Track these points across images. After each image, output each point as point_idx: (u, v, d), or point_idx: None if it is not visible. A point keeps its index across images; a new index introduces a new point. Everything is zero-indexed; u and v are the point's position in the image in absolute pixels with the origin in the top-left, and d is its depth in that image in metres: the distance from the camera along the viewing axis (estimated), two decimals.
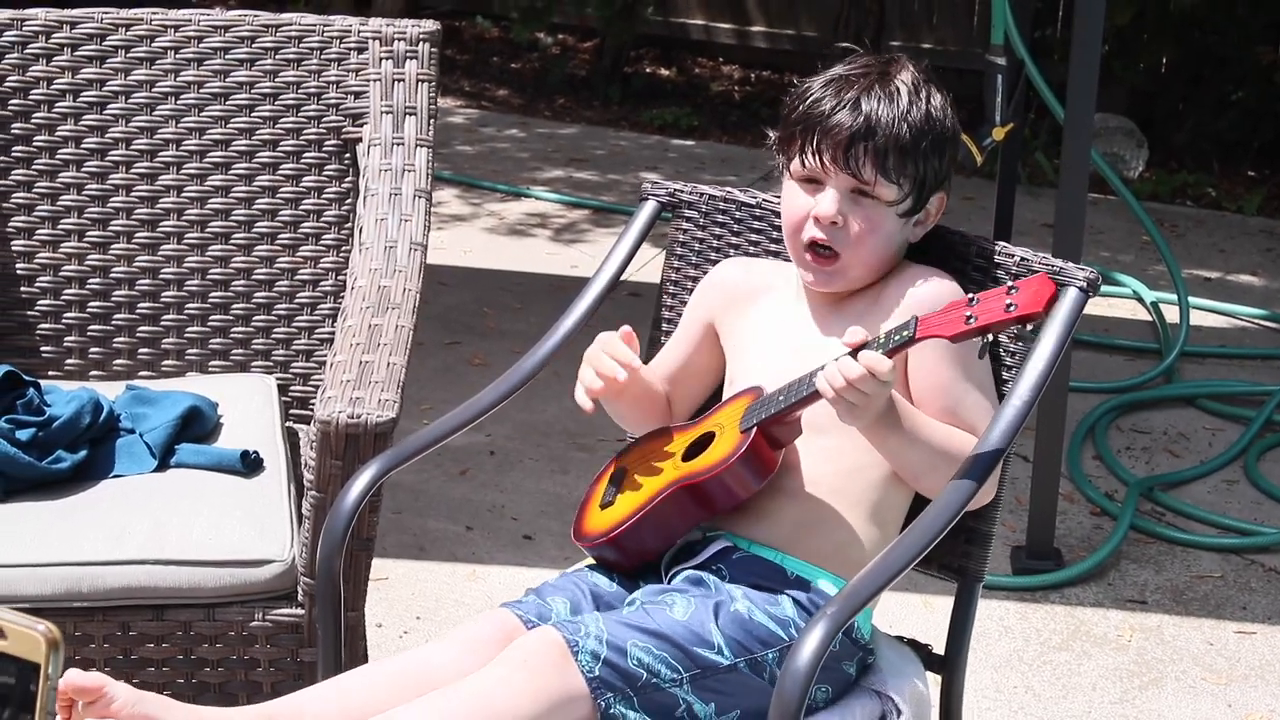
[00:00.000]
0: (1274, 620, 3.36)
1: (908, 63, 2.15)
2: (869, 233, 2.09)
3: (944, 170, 2.12)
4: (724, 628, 1.98)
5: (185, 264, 2.81)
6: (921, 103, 2.09)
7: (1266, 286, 5.37)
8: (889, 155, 2.07)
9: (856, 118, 2.07)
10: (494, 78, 7.97)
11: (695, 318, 2.29)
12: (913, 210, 2.11)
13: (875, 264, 2.13)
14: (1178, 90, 6.87)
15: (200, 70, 2.80)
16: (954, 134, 2.13)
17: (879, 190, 2.08)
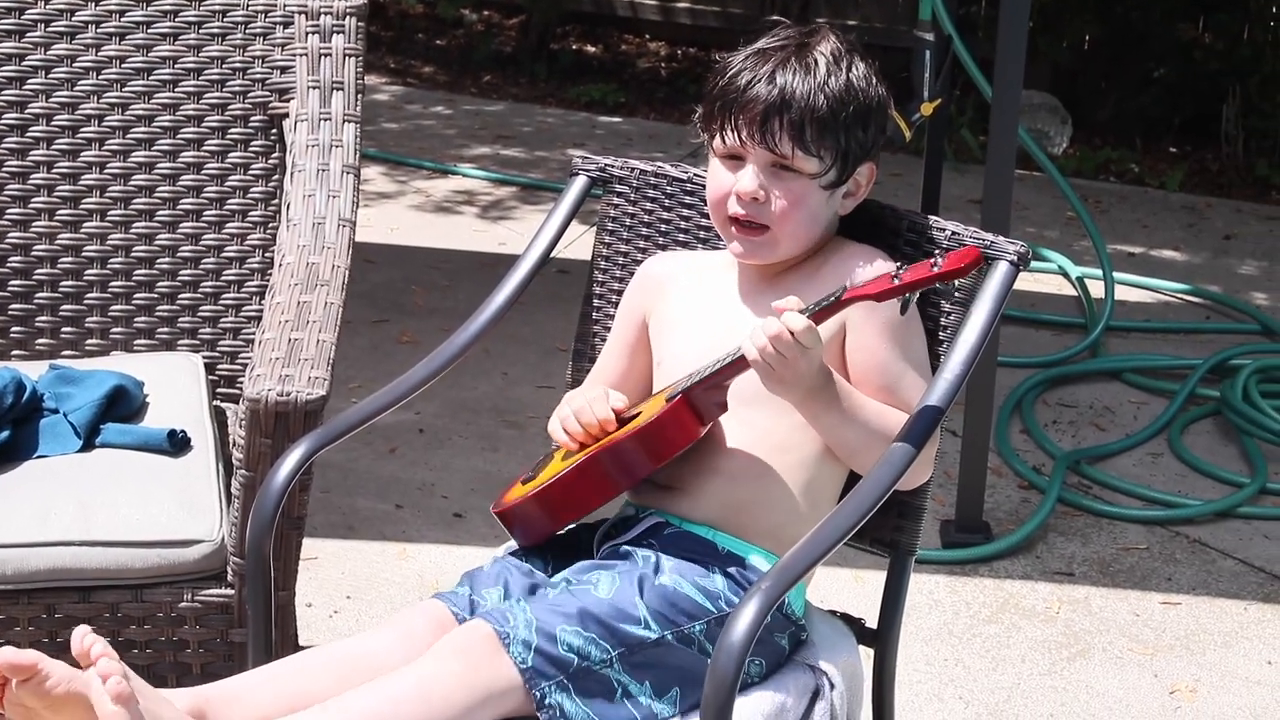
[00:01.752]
0: (1198, 591, 3.40)
1: (830, 33, 2.12)
2: (792, 206, 2.07)
3: (870, 141, 2.10)
4: (648, 601, 1.97)
5: (109, 241, 2.77)
6: (841, 73, 2.06)
7: (1189, 261, 5.43)
8: (806, 127, 2.04)
9: (771, 91, 2.05)
10: (419, 54, 7.93)
11: (628, 320, 2.25)
12: (837, 182, 2.09)
13: (804, 237, 2.11)
14: (1101, 67, 6.93)
15: (123, 45, 2.76)
16: (879, 104, 2.10)
17: (799, 163, 2.06)
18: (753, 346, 1.92)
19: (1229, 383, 4.20)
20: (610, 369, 2.26)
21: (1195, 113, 6.70)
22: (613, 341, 2.28)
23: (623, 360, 2.25)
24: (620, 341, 2.26)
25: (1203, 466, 3.91)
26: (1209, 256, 5.49)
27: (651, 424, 2.00)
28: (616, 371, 2.25)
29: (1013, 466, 3.87)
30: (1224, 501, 3.71)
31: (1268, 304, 5.03)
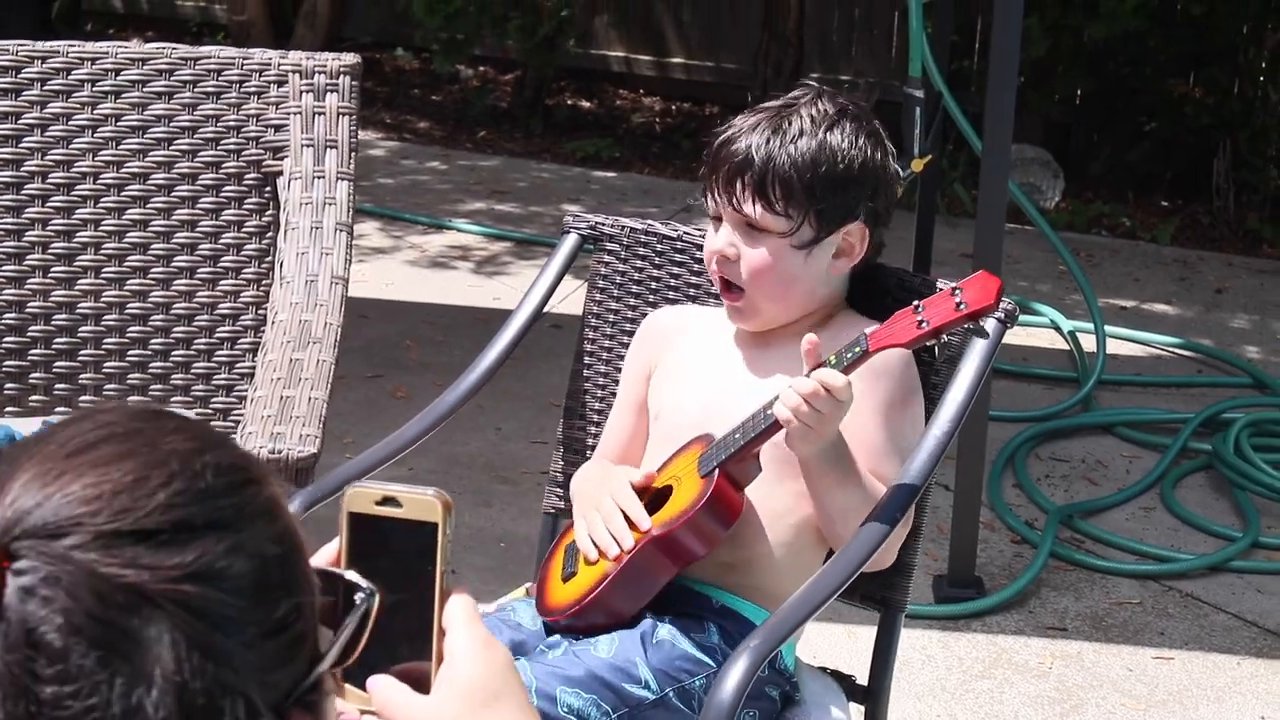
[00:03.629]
0: (1191, 646, 3.40)
1: (830, 97, 2.12)
2: (765, 267, 2.07)
3: (850, 203, 2.08)
4: (649, 660, 1.98)
5: (103, 298, 2.79)
6: (817, 134, 2.06)
7: (1180, 315, 5.45)
8: (769, 187, 2.05)
9: (738, 152, 2.07)
10: (415, 110, 7.97)
11: (635, 376, 2.25)
12: (812, 242, 2.07)
13: (787, 299, 2.10)
14: (1093, 121, 6.97)
15: (117, 103, 2.78)
16: (864, 166, 2.08)
17: (765, 222, 2.06)
18: (786, 409, 1.90)
19: (1221, 436, 4.21)
20: (621, 428, 2.25)
21: (1186, 167, 6.73)
22: (622, 400, 2.27)
23: (633, 418, 2.24)
24: (630, 400, 2.25)
25: (1195, 520, 3.92)
26: (1201, 310, 5.51)
27: (701, 508, 1.97)
28: (627, 431, 2.24)
29: (1005, 521, 3.88)
30: (1217, 555, 3.71)
31: (1259, 357, 5.05)
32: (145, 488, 0.86)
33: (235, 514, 0.88)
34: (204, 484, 0.88)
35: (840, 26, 7.64)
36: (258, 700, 0.86)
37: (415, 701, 1.12)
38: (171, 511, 0.85)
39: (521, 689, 1.16)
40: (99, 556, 0.82)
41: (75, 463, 0.86)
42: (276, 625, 0.89)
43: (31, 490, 0.85)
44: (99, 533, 0.83)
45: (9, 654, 0.81)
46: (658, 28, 8.05)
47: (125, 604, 0.82)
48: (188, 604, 0.83)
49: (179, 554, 0.84)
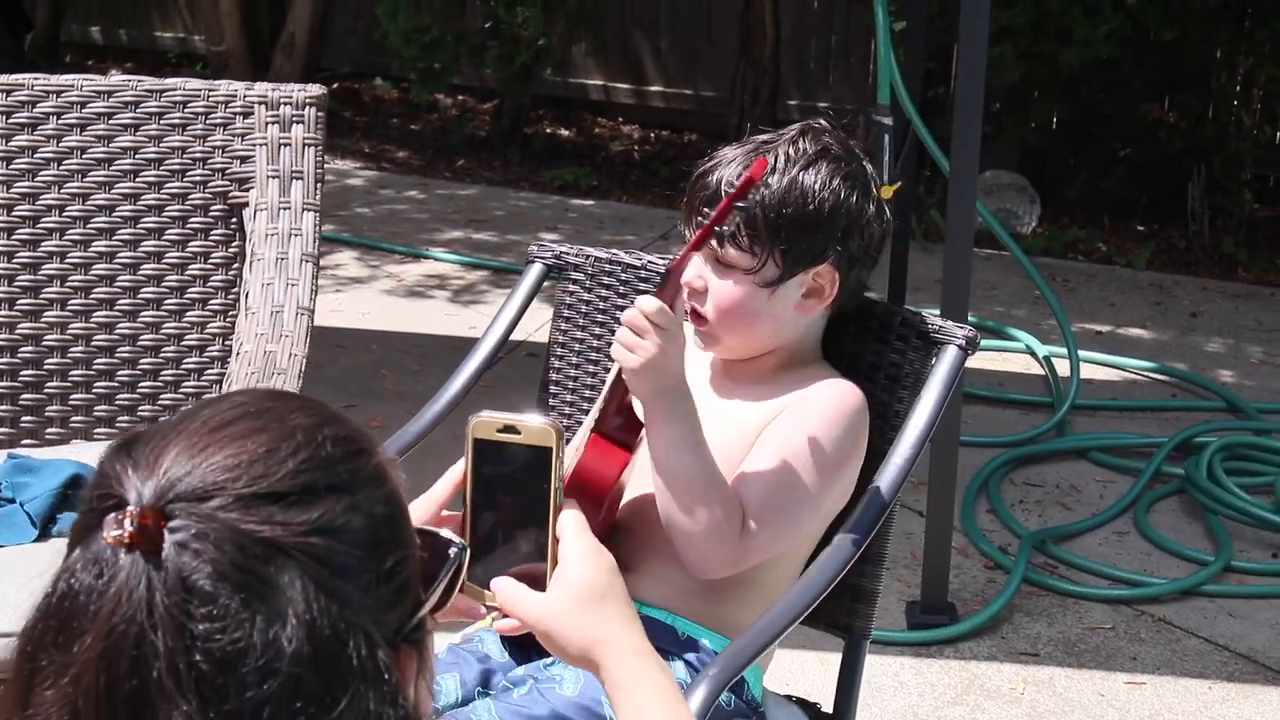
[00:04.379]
0: (1163, 671, 3.40)
1: (815, 135, 2.08)
2: (729, 301, 2.05)
3: (817, 246, 2.04)
4: None
5: (69, 330, 2.79)
6: (789, 172, 2.03)
7: (1156, 339, 5.47)
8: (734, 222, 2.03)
9: (709, 184, 2.05)
10: (393, 139, 7.98)
11: None
12: (775, 281, 2.04)
13: (749, 334, 2.09)
14: (1069, 147, 7.00)
15: (83, 135, 2.78)
16: (835, 210, 2.04)
17: (730, 258, 2.04)
18: (615, 348, 1.90)
19: (1194, 460, 4.22)
20: None
21: (1161, 191, 6.77)
22: None
23: None
24: None
25: (1168, 545, 3.92)
26: (1176, 334, 5.53)
27: (574, 474, 1.94)
28: None
29: (979, 547, 3.88)
30: (1189, 580, 3.72)
31: (1233, 381, 5.06)
32: (276, 457, 1.00)
33: (351, 478, 1.03)
34: (325, 453, 1.02)
35: (817, 54, 7.68)
36: (376, 635, 0.99)
37: (534, 598, 1.36)
38: (299, 477, 1.00)
39: (625, 592, 1.37)
40: (240, 515, 0.97)
41: (217, 437, 1.01)
42: (387, 573, 1.02)
43: (181, 461, 1.00)
44: (239, 495, 0.98)
45: (168, 597, 0.95)
46: (635, 56, 8.08)
47: (263, 555, 0.96)
48: (315, 554, 0.98)
49: (306, 512, 0.99)
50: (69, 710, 0.96)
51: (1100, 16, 6.38)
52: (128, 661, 0.95)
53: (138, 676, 0.95)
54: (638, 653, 1.35)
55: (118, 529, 0.97)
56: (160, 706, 0.94)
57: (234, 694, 0.94)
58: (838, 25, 7.59)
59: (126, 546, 0.96)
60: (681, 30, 7.96)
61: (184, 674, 0.94)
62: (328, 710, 0.96)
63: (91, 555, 0.98)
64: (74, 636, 0.96)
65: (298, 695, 0.95)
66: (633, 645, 1.35)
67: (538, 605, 1.36)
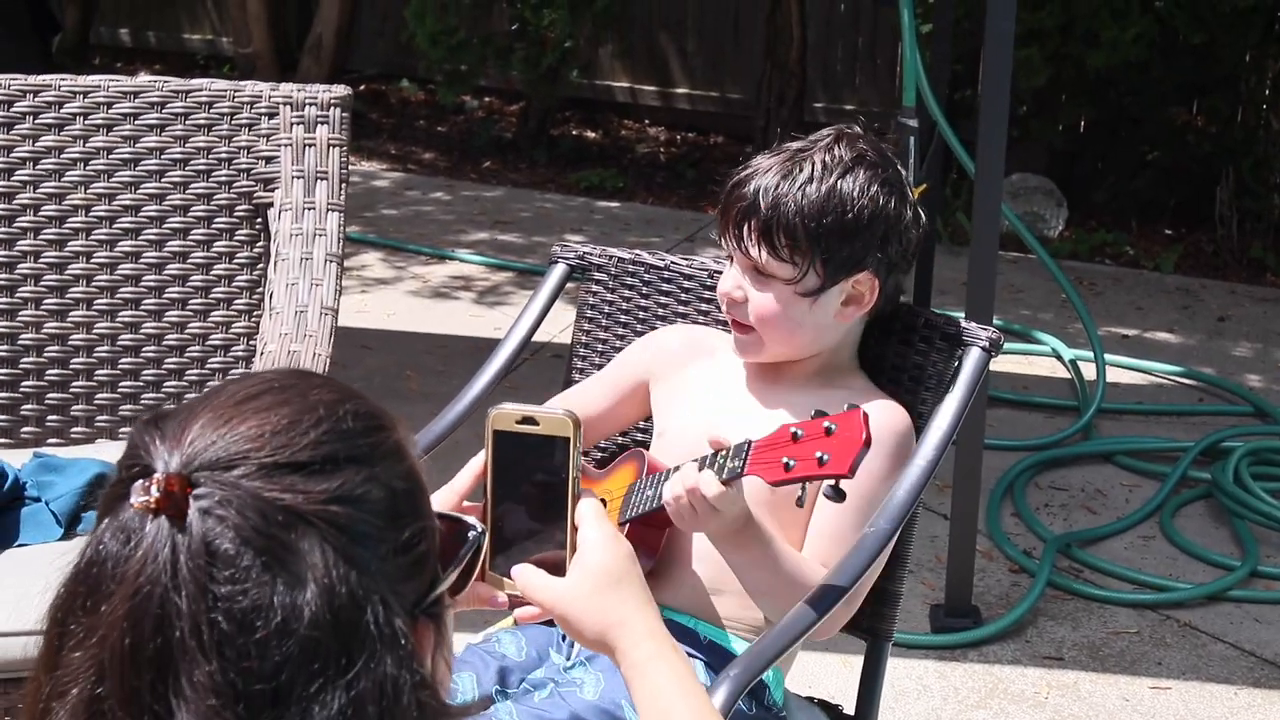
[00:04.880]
0: (1189, 676, 3.38)
1: (850, 141, 2.07)
2: (770, 311, 2.05)
3: (859, 253, 2.03)
4: None
5: (95, 330, 2.80)
6: (828, 180, 2.02)
7: (1183, 343, 5.44)
8: (774, 233, 2.02)
9: (746, 195, 2.04)
10: (420, 141, 7.99)
11: (628, 374, 2.25)
12: (818, 290, 2.04)
13: (795, 341, 2.09)
14: (1096, 150, 6.98)
15: (110, 136, 2.79)
16: (875, 217, 2.03)
17: (771, 268, 2.04)
18: (669, 493, 1.87)
19: (1220, 465, 4.20)
20: (589, 405, 2.24)
21: (1189, 195, 6.74)
22: (602, 385, 2.27)
23: (603, 402, 2.25)
24: (610, 390, 2.25)
25: (1194, 550, 3.90)
26: (1203, 338, 5.50)
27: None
28: (598, 407, 2.24)
29: (1003, 550, 3.87)
30: (1215, 585, 3.70)
31: (1261, 386, 5.04)
32: (299, 429, 1.03)
33: (370, 451, 1.05)
34: (345, 426, 1.05)
35: (843, 56, 7.66)
36: (393, 603, 1.02)
37: (553, 584, 1.39)
38: (320, 448, 1.03)
39: (641, 578, 1.40)
40: (262, 484, 1.00)
41: (241, 410, 1.04)
42: (405, 544, 1.05)
43: (207, 433, 1.03)
44: (261, 464, 1.01)
45: (193, 560, 0.98)
46: (662, 58, 8.08)
47: (284, 521, 0.99)
48: (334, 521, 1.00)
49: (326, 481, 1.02)
50: (95, 670, 0.99)
51: (1128, 19, 6.35)
52: (152, 622, 0.98)
53: (161, 636, 0.97)
54: (652, 634, 1.37)
55: (144, 495, 1.00)
56: (182, 665, 0.97)
57: (254, 654, 0.97)
58: (864, 28, 7.58)
59: (153, 512, 0.99)
60: (708, 32, 7.96)
61: (206, 634, 0.97)
62: (343, 672, 0.98)
63: (119, 523, 1.01)
64: (101, 599, 1.00)
65: (315, 657, 0.98)
66: (648, 627, 1.37)
67: (555, 589, 1.39)
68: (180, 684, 0.97)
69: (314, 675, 0.98)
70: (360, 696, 0.98)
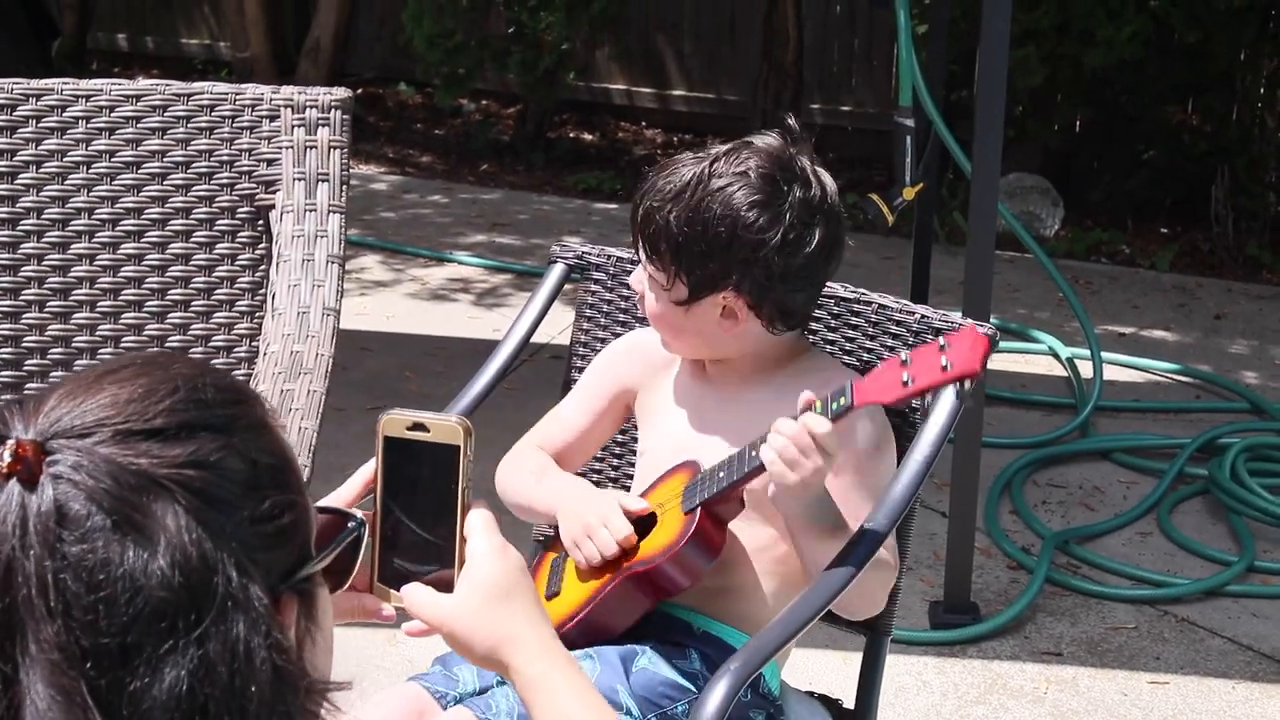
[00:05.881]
0: (1186, 671, 3.40)
1: (741, 154, 2.02)
2: (653, 312, 2.08)
3: (716, 274, 2.00)
4: (631, 687, 1.99)
5: (98, 332, 2.81)
6: (699, 196, 1.98)
7: (1179, 341, 5.47)
8: (645, 240, 2.04)
9: (638, 197, 2.06)
10: (417, 144, 8.02)
11: (606, 386, 2.24)
12: (685, 301, 2.02)
13: (685, 343, 2.11)
14: (1092, 149, 7.00)
15: (112, 139, 2.81)
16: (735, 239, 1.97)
17: (651, 271, 2.05)
18: (772, 450, 1.86)
19: (1217, 461, 4.22)
20: (570, 429, 2.24)
21: (1185, 194, 6.76)
22: (584, 397, 2.25)
23: (585, 424, 2.24)
24: (589, 406, 2.24)
25: (1191, 545, 3.92)
26: (1199, 336, 5.52)
27: (683, 546, 1.97)
28: (576, 433, 2.23)
29: (1001, 547, 3.89)
30: (1212, 580, 3.72)
31: (1258, 383, 5.06)
32: (155, 396, 1.05)
33: (228, 421, 1.07)
34: (203, 396, 1.06)
35: (840, 57, 7.68)
36: (250, 569, 1.03)
37: (439, 600, 1.34)
38: (175, 415, 1.05)
39: (532, 589, 1.36)
40: (116, 450, 1.02)
41: (101, 381, 1.06)
42: (264, 515, 1.06)
43: (65, 403, 1.05)
44: (116, 431, 1.03)
45: (42, 522, 1.00)
46: (658, 60, 8.10)
47: (136, 484, 1.01)
48: (188, 485, 1.02)
49: (181, 447, 1.03)
50: None
51: (1124, 18, 6.37)
52: None
53: (8, 596, 0.99)
54: (545, 648, 1.32)
55: None
56: (29, 625, 0.98)
57: (102, 613, 0.98)
58: (860, 29, 7.60)
59: (4, 476, 1.01)
60: (704, 34, 7.98)
61: (53, 594, 0.99)
62: (189, 631, 0.99)
63: None
64: None
65: (164, 616, 0.99)
66: (540, 642, 1.33)
67: (441, 606, 1.33)
68: (27, 643, 0.98)
69: (163, 635, 0.99)
70: (210, 657, 0.99)
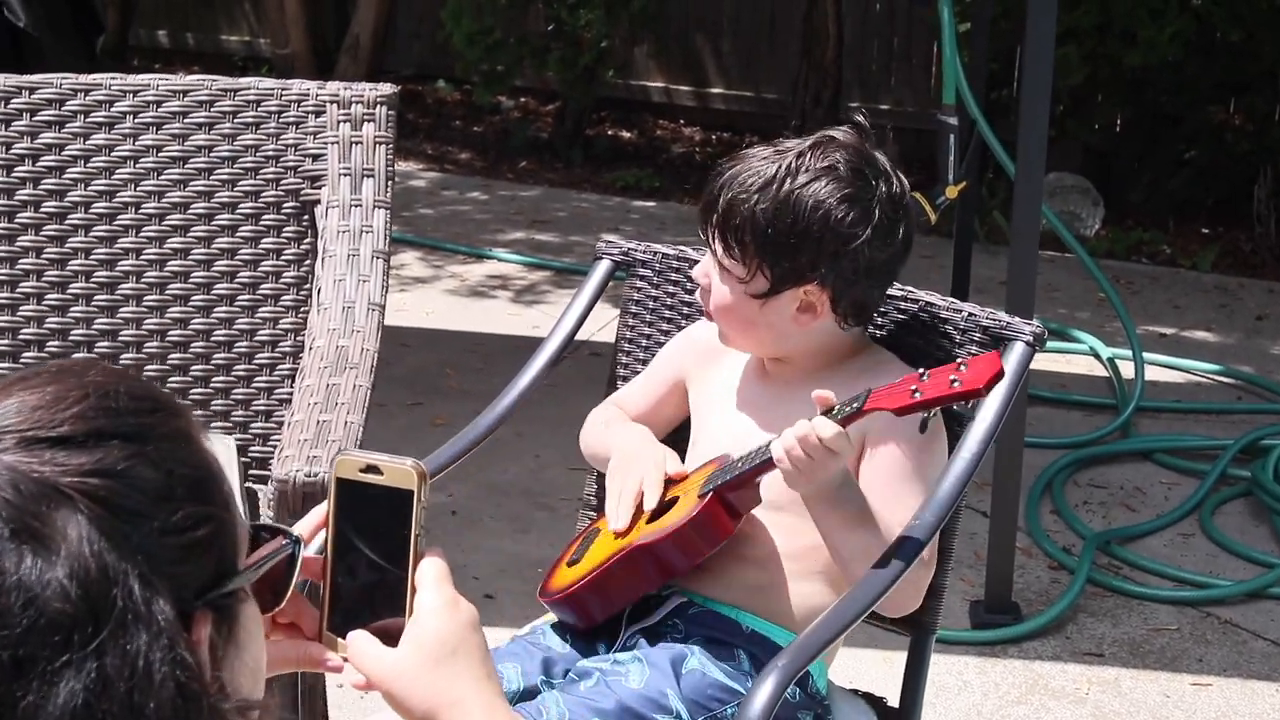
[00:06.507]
0: (1229, 673, 3.38)
1: (826, 148, 2.04)
2: (724, 305, 2.08)
3: (803, 266, 2.02)
4: (681, 690, 1.99)
5: (144, 326, 2.83)
6: (785, 189, 2.00)
7: (1221, 342, 5.44)
8: (726, 233, 2.04)
9: (712, 190, 2.06)
10: (456, 141, 8.03)
11: (666, 373, 2.28)
12: (764, 294, 2.04)
13: (752, 337, 2.11)
14: (1133, 148, 6.96)
15: (159, 134, 2.82)
16: (825, 232, 2.00)
17: (727, 264, 2.06)
18: (780, 448, 1.91)
19: (1260, 463, 4.19)
20: (636, 405, 2.30)
21: (1227, 194, 6.72)
22: (645, 382, 2.31)
23: (649, 401, 2.29)
24: (650, 390, 2.29)
25: (1234, 547, 3.90)
26: (1241, 337, 5.49)
27: (685, 525, 2.01)
28: (639, 410, 2.29)
29: (1042, 547, 3.87)
30: (1255, 582, 3.70)
31: None
32: (63, 404, 1.03)
33: (141, 430, 1.03)
34: (115, 404, 1.04)
35: (879, 56, 7.67)
36: (156, 583, 1.00)
37: (382, 654, 1.27)
38: (83, 422, 1.02)
39: (481, 647, 1.27)
40: (20, 457, 1.00)
41: (10, 389, 1.04)
42: (175, 526, 1.02)
43: None
44: (21, 438, 1.01)
45: None
46: (697, 58, 8.10)
47: (37, 493, 0.98)
48: (93, 494, 0.99)
49: (87, 455, 1.01)
50: None
51: (1166, 18, 6.34)
52: None
53: None
54: (489, 713, 1.26)
55: None
56: None
57: None
58: (900, 27, 7.58)
59: None
60: (743, 32, 7.97)
61: None
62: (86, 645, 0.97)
63: None
64: None
65: (59, 629, 0.97)
66: (484, 706, 1.26)
67: (383, 661, 1.26)
68: None
69: (58, 648, 0.96)
70: (107, 672, 0.97)
